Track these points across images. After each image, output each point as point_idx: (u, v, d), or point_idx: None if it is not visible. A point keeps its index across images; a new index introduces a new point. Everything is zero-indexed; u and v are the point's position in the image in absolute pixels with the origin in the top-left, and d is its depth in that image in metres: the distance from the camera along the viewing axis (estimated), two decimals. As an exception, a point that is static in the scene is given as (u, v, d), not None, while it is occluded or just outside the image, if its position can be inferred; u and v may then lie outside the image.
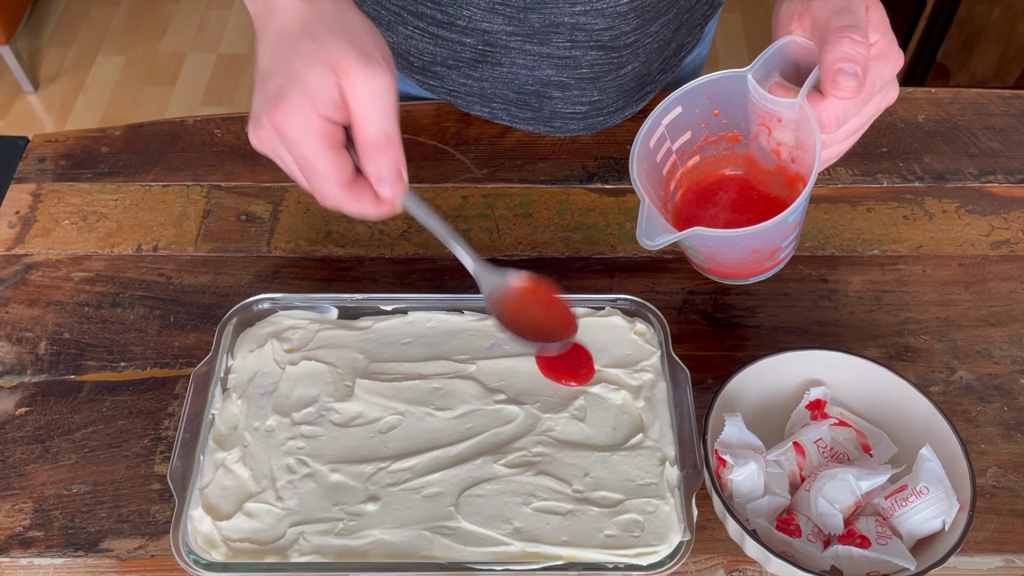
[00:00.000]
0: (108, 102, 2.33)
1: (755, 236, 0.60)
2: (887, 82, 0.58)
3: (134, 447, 0.65)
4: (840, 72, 0.54)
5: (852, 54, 0.54)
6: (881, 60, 0.57)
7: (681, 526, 0.57)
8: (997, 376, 0.69)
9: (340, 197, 0.53)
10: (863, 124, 0.60)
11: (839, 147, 0.60)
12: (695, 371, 0.66)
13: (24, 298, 0.73)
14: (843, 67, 0.54)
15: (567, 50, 0.78)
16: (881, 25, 0.57)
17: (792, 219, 0.59)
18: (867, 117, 0.59)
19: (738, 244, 0.62)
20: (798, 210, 0.58)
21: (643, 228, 0.59)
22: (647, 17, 0.77)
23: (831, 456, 0.61)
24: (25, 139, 0.85)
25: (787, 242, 0.64)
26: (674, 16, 0.82)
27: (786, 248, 0.65)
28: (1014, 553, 0.61)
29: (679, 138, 0.65)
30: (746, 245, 0.62)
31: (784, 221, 0.58)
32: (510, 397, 0.64)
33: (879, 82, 0.57)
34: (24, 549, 0.60)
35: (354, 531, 0.58)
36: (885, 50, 0.57)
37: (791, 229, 0.62)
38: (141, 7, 2.59)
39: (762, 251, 0.63)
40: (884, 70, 0.57)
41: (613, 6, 0.74)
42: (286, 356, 0.66)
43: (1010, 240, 0.78)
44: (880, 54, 0.57)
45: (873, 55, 0.56)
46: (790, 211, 0.57)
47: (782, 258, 0.66)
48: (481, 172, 0.83)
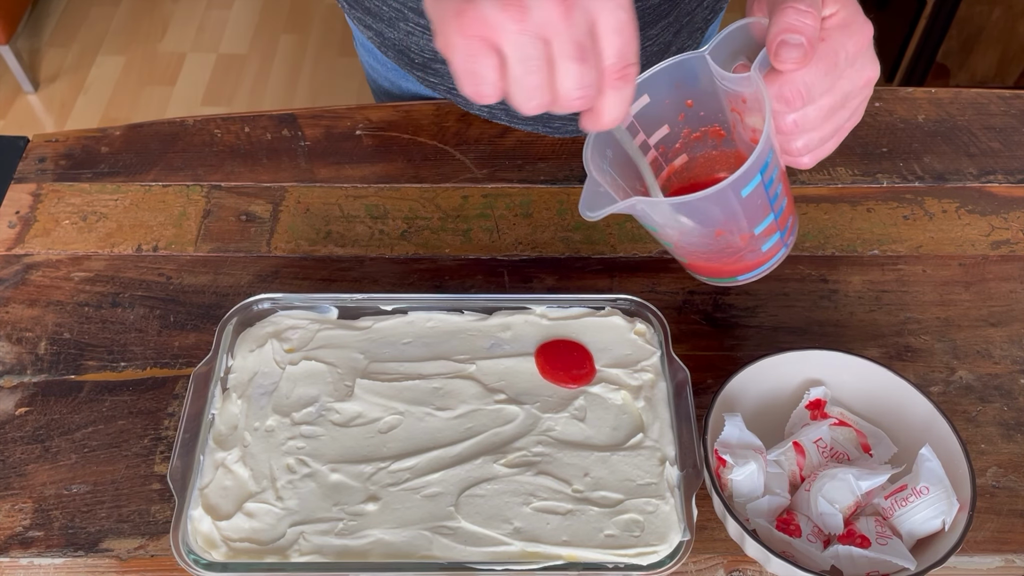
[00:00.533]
0: (108, 102, 2.33)
1: (698, 207, 0.56)
2: (855, 55, 0.55)
3: (134, 447, 0.65)
4: (782, 44, 0.52)
5: (795, 24, 0.52)
6: (842, 31, 0.54)
7: (681, 526, 0.57)
8: (997, 376, 0.69)
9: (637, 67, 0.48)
10: (840, 104, 0.56)
11: (820, 132, 0.57)
12: (695, 371, 0.66)
13: (24, 298, 0.73)
14: (785, 38, 0.52)
15: None
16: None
17: (747, 194, 0.56)
18: (842, 95, 0.56)
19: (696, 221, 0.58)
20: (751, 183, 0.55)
21: (586, 200, 0.57)
22: (647, 20, 0.77)
23: (831, 456, 0.61)
24: (25, 139, 0.85)
25: (761, 229, 0.60)
26: (674, 19, 0.81)
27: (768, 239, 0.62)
28: (1014, 553, 0.61)
29: (655, 131, 0.63)
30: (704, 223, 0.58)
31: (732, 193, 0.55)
32: (510, 397, 0.64)
33: (842, 53, 0.54)
34: (24, 549, 0.60)
35: (354, 531, 0.58)
36: (846, 20, 0.54)
37: (758, 210, 0.58)
38: (141, 7, 2.60)
39: (729, 234, 0.59)
40: (847, 41, 0.54)
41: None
42: (286, 356, 0.66)
43: (1010, 240, 0.78)
44: (840, 24, 0.54)
45: (832, 26, 0.54)
46: (734, 180, 0.54)
47: (766, 252, 0.63)
48: (481, 172, 0.83)
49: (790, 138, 0.57)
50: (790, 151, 0.58)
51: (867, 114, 0.87)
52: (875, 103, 0.89)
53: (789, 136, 0.57)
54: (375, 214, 0.79)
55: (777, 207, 0.60)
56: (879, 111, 0.88)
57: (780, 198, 0.60)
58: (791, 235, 0.64)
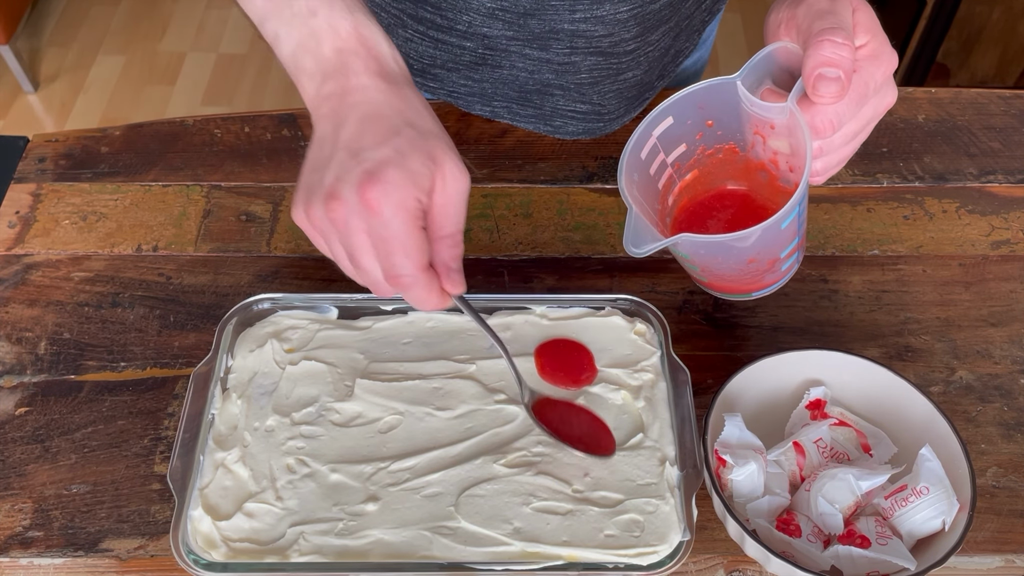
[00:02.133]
0: (108, 102, 2.33)
1: (744, 242, 0.58)
2: (881, 84, 0.57)
3: (134, 447, 0.65)
4: (820, 77, 0.53)
5: (833, 57, 0.53)
6: (872, 61, 0.56)
7: (681, 526, 0.57)
8: (997, 376, 0.69)
9: (416, 278, 0.53)
10: (861, 128, 0.58)
11: (839, 154, 0.59)
12: (695, 371, 0.66)
13: (24, 298, 0.73)
14: (823, 72, 0.53)
15: (566, 56, 0.78)
16: (870, 26, 0.56)
17: (785, 226, 0.58)
18: (865, 121, 0.58)
19: (731, 253, 0.61)
20: (790, 216, 0.57)
21: (630, 236, 0.58)
22: (648, 25, 0.77)
23: (831, 456, 0.61)
24: (25, 139, 0.85)
25: (786, 252, 0.62)
26: (674, 24, 0.81)
27: (787, 260, 0.64)
28: (1014, 553, 0.61)
29: (673, 150, 0.64)
30: (739, 254, 0.60)
31: (776, 227, 0.57)
32: (510, 397, 0.64)
33: (871, 84, 0.56)
34: (24, 549, 0.60)
35: (354, 531, 0.58)
36: (876, 51, 0.56)
37: (788, 237, 0.61)
38: (141, 7, 2.59)
39: (759, 261, 0.61)
40: (876, 72, 0.56)
41: (613, 13, 0.74)
42: (286, 356, 0.66)
43: (1010, 240, 0.78)
44: (870, 55, 0.56)
45: (863, 56, 0.55)
46: (780, 216, 0.56)
47: (784, 271, 0.65)
48: (481, 172, 0.83)
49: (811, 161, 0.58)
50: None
51: (867, 114, 0.87)
52: (892, 77, 0.88)
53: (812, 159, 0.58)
54: (375, 214, 0.79)
55: (801, 231, 0.62)
56: (879, 111, 0.88)
57: (804, 222, 0.62)
58: (802, 251, 0.66)
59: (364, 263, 0.53)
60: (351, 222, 0.52)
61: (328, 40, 0.55)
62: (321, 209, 0.52)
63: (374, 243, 0.52)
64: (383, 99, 0.54)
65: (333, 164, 0.53)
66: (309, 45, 0.55)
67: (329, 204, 0.52)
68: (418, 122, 0.54)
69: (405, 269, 0.53)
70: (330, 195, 0.52)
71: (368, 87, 0.54)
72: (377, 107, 0.54)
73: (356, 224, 0.52)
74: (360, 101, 0.54)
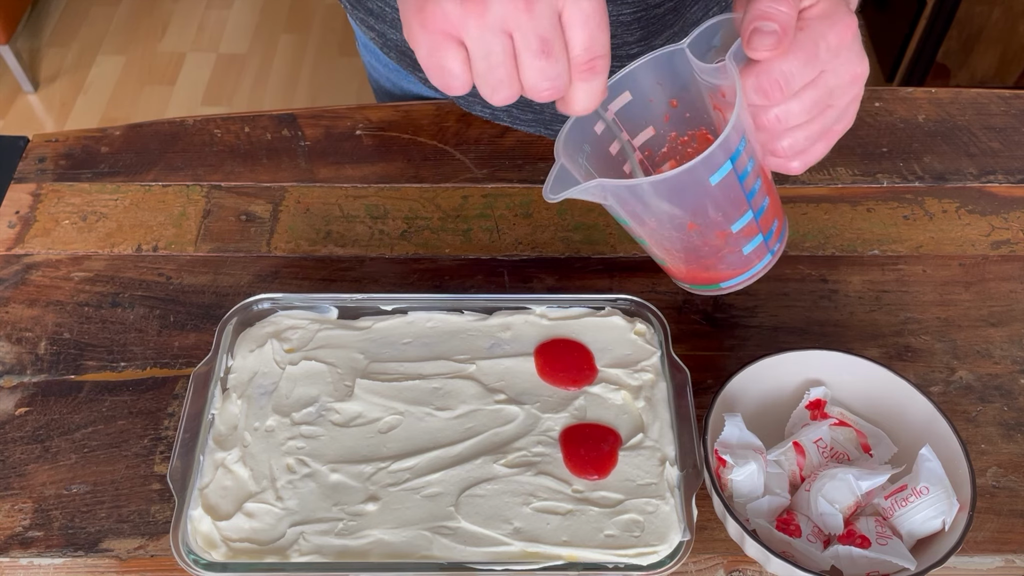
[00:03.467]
0: (108, 102, 2.33)
1: (664, 189, 0.54)
2: (837, 46, 0.53)
3: (134, 447, 0.65)
4: (755, 31, 0.51)
5: (768, 11, 0.51)
6: (823, 21, 0.53)
7: (681, 526, 0.57)
8: (997, 376, 0.69)
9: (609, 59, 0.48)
10: (825, 99, 0.54)
11: (805, 131, 0.55)
12: (695, 371, 0.66)
13: (24, 298, 0.73)
14: (758, 25, 0.51)
15: None
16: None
17: (716, 181, 0.54)
18: (826, 89, 0.54)
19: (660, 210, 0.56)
20: (720, 169, 0.53)
21: (550, 184, 0.56)
22: (651, 30, 0.77)
23: (831, 456, 0.61)
24: (25, 139, 0.85)
25: (740, 226, 0.58)
26: (680, 29, 0.81)
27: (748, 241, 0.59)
28: (1014, 553, 0.61)
29: (640, 133, 0.62)
30: (672, 213, 0.56)
31: (698, 178, 0.53)
32: (510, 397, 0.64)
33: (823, 44, 0.53)
34: (24, 549, 0.60)
35: (354, 531, 0.58)
36: (827, 11, 0.53)
37: (733, 204, 0.56)
38: (141, 7, 2.60)
39: (702, 230, 0.57)
40: (828, 32, 0.53)
41: (615, 16, 0.73)
42: (286, 356, 0.66)
43: (1010, 240, 0.78)
44: (821, 14, 0.53)
45: (812, 15, 0.53)
46: (699, 162, 0.52)
47: (749, 255, 0.61)
48: (481, 172, 0.83)
49: (774, 137, 0.55)
50: (776, 152, 0.56)
51: (867, 114, 0.87)
52: (875, 103, 0.89)
53: (773, 134, 0.55)
54: (375, 214, 0.79)
55: (756, 205, 0.58)
56: (879, 111, 0.88)
57: (760, 196, 0.58)
58: (778, 242, 0.62)
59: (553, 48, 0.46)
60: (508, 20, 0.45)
61: None
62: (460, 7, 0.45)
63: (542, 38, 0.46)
64: None
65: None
66: None
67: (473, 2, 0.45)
68: None
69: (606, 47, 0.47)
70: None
71: None
72: None
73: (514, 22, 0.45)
74: None
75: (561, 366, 0.65)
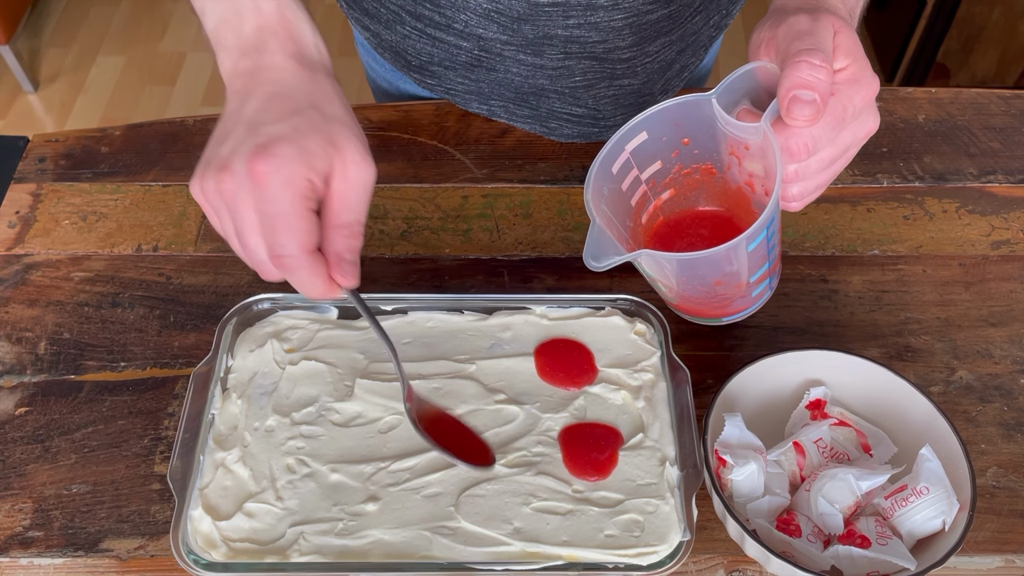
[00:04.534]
0: (108, 102, 2.33)
1: (707, 262, 0.57)
2: (860, 109, 0.56)
3: (134, 447, 0.65)
4: (795, 99, 0.52)
5: (809, 80, 0.52)
6: (851, 85, 0.55)
7: (681, 526, 0.57)
8: (997, 376, 0.69)
9: (299, 260, 0.51)
10: (839, 155, 0.57)
11: (816, 180, 0.58)
12: (695, 371, 0.66)
13: (24, 298, 0.73)
14: (798, 94, 0.52)
15: (560, 61, 0.78)
16: (851, 50, 0.55)
17: (752, 248, 0.57)
18: (843, 147, 0.57)
19: (695, 273, 0.59)
20: (757, 239, 0.56)
21: (591, 248, 0.57)
22: (644, 35, 0.77)
23: (831, 456, 0.61)
24: (25, 139, 0.85)
25: (756, 277, 0.61)
26: (678, 38, 0.81)
27: (758, 286, 0.62)
28: (1014, 553, 0.61)
29: (648, 167, 0.63)
30: (704, 275, 0.59)
31: (740, 249, 0.56)
32: (510, 397, 0.64)
33: (850, 108, 0.55)
34: (24, 549, 0.60)
35: (354, 531, 0.58)
36: (856, 75, 0.55)
37: (757, 261, 0.59)
38: (141, 7, 2.59)
39: (726, 284, 0.60)
40: (855, 96, 0.55)
41: (607, 21, 0.74)
42: (286, 356, 0.66)
43: (1010, 240, 0.78)
44: (850, 79, 0.55)
45: (842, 80, 0.54)
46: (744, 238, 0.55)
47: (755, 296, 0.64)
48: (481, 172, 0.83)
49: (786, 186, 0.57)
50: (784, 196, 0.58)
51: (867, 114, 0.87)
52: (875, 103, 0.88)
53: (786, 184, 0.57)
54: (375, 214, 0.79)
55: (771, 256, 0.61)
56: (879, 111, 0.88)
57: (775, 247, 0.61)
58: (776, 278, 0.65)
59: (249, 240, 0.52)
60: (239, 195, 0.51)
61: (250, 18, 0.55)
62: (213, 181, 0.51)
63: (260, 219, 0.51)
64: (294, 81, 0.54)
65: (232, 138, 0.52)
66: (232, 21, 0.55)
67: (220, 176, 0.51)
68: (326, 107, 0.53)
69: (288, 249, 0.51)
70: (222, 167, 0.51)
71: (282, 67, 0.54)
72: (286, 87, 0.53)
73: (243, 198, 0.51)
74: (270, 80, 0.54)
75: (561, 366, 0.65)
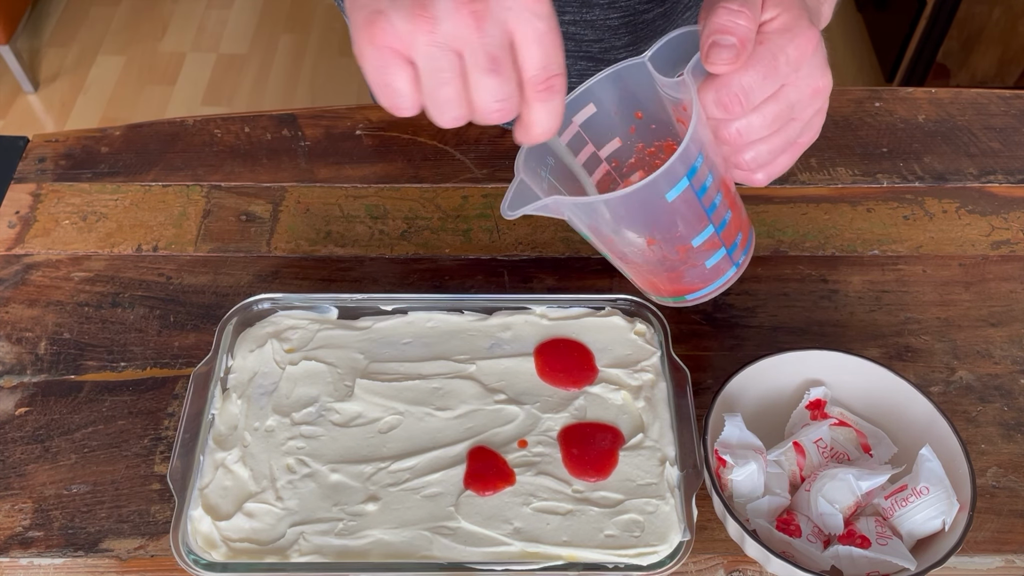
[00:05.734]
0: (108, 102, 2.33)
1: (621, 207, 0.54)
2: (797, 60, 0.52)
3: (134, 447, 0.65)
4: (714, 45, 0.50)
5: (726, 24, 0.50)
6: (782, 34, 0.52)
7: (681, 526, 0.57)
8: (997, 376, 0.69)
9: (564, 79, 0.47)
10: (786, 113, 0.53)
11: (768, 144, 0.54)
12: (695, 371, 0.66)
13: (24, 298, 0.73)
14: (716, 39, 0.50)
15: None
16: (783, 1, 0.52)
17: (672, 198, 0.53)
18: (787, 103, 0.53)
19: (618, 227, 0.56)
20: (676, 186, 0.52)
21: (508, 201, 0.55)
22: (640, 35, 0.76)
23: (831, 456, 0.61)
24: (25, 139, 0.85)
25: (700, 241, 0.57)
26: None
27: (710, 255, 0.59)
28: (1014, 553, 0.61)
29: (606, 144, 0.62)
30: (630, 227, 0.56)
31: (653, 194, 0.53)
32: (510, 397, 0.64)
33: (782, 57, 0.52)
34: (24, 549, 0.60)
35: (354, 531, 0.58)
36: (788, 24, 0.52)
37: (693, 219, 0.56)
38: (141, 7, 2.60)
39: (662, 245, 0.57)
40: (788, 45, 0.52)
41: (603, 19, 0.73)
42: (286, 356, 0.66)
43: (1010, 240, 0.78)
44: (781, 27, 0.52)
45: (772, 29, 0.52)
46: (653, 180, 0.51)
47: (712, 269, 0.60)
48: (481, 172, 0.83)
49: (737, 150, 0.55)
50: (740, 164, 0.56)
51: (867, 114, 0.87)
52: (875, 103, 0.89)
53: (736, 148, 0.55)
54: (375, 214, 0.79)
55: (718, 219, 0.57)
56: (879, 111, 0.88)
57: (721, 209, 0.57)
58: (743, 254, 0.61)
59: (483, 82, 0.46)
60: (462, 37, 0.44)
61: None
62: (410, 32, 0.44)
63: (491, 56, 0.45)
64: None
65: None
66: None
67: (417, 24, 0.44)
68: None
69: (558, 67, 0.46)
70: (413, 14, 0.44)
71: None
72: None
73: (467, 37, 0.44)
74: None
75: (561, 366, 0.65)
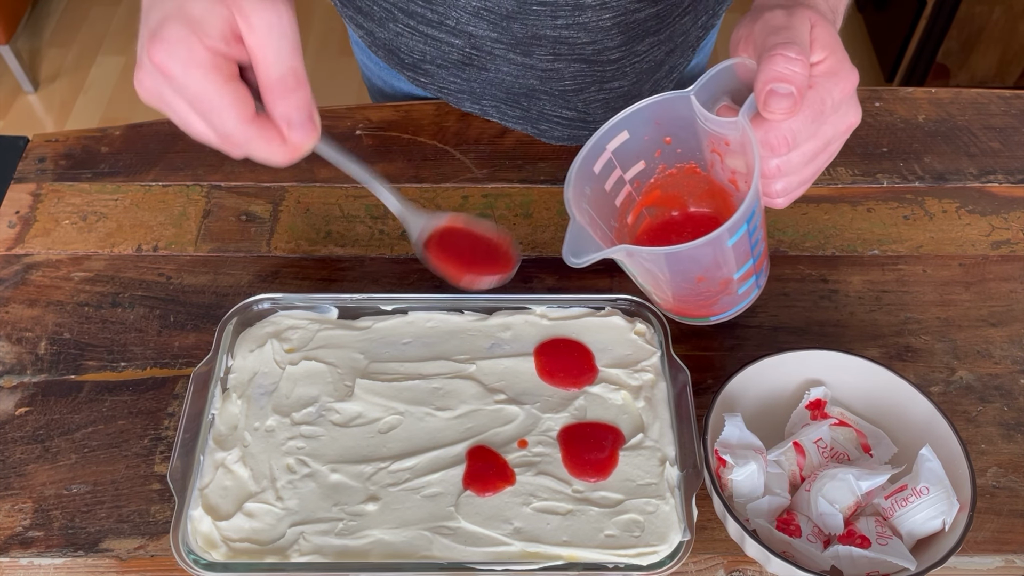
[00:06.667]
0: (108, 102, 2.33)
1: (687, 257, 0.57)
2: (839, 101, 0.55)
3: (134, 447, 0.65)
4: (772, 93, 0.52)
5: (785, 72, 0.52)
6: (829, 78, 0.54)
7: (681, 526, 0.57)
8: (997, 376, 0.69)
9: (245, 134, 0.48)
10: (822, 149, 0.57)
11: (800, 175, 0.58)
12: (695, 371, 0.66)
13: (24, 298, 0.73)
14: (775, 87, 0.52)
15: (550, 63, 0.78)
16: (828, 43, 0.55)
17: (732, 243, 0.56)
18: (825, 140, 0.56)
19: (675, 269, 0.59)
20: (737, 234, 0.55)
21: (570, 245, 0.57)
22: (632, 35, 0.77)
23: (831, 456, 0.61)
24: (25, 139, 0.85)
25: (740, 274, 0.60)
26: (666, 37, 0.81)
27: (744, 283, 0.62)
28: (1014, 553, 0.61)
29: (631, 167, 0.63)
30: (685, 271, 0.59)
31: (719, 244, 0.55)
32: (510, 397, 0.64)
33: (828, 101, 0.55)
34: (24, 549, 0.60)
35: (354, 531, 0.58)
36: (833, 68, 0.55)
37: (740, 257, 0.59)
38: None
39: (709, 281, 0.60)
40: (834, 89, 0.55)
41: (595, 21, 0.74)
42: (286, 356, 0.66)
43: (1010, 240, 0.78)
44: (828, 72, 0.54)
45: (819, 73, 0.54)
46: (721, 233, 0.54)
47: (742, 294, 0.63)
48: (481, 172, 0.83)
49: (770, 181, 0.57)
50: (768, 192, 0.58)
51: (867, 114, 0.87)
52: (875, 103, 0.89)
53: (769, 179, 0.57)
54: (375, 214, 0.79)
55: (756, 252, 0.60)
56: (879, 111, 0.88)
57: (760, 244, 0.60)
58: (764, 275, 0.65)
59: (196, 129, 0.50)
60: (163, 92, 0.49)
61: None
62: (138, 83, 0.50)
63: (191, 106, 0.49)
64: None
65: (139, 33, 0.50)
66: None
67: (138, 76, 0.49)
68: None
69: (227, 127, 0.49)
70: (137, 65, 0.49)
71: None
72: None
73: (167, 92, 0.49)
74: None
75: (561, 366, 0.65)
